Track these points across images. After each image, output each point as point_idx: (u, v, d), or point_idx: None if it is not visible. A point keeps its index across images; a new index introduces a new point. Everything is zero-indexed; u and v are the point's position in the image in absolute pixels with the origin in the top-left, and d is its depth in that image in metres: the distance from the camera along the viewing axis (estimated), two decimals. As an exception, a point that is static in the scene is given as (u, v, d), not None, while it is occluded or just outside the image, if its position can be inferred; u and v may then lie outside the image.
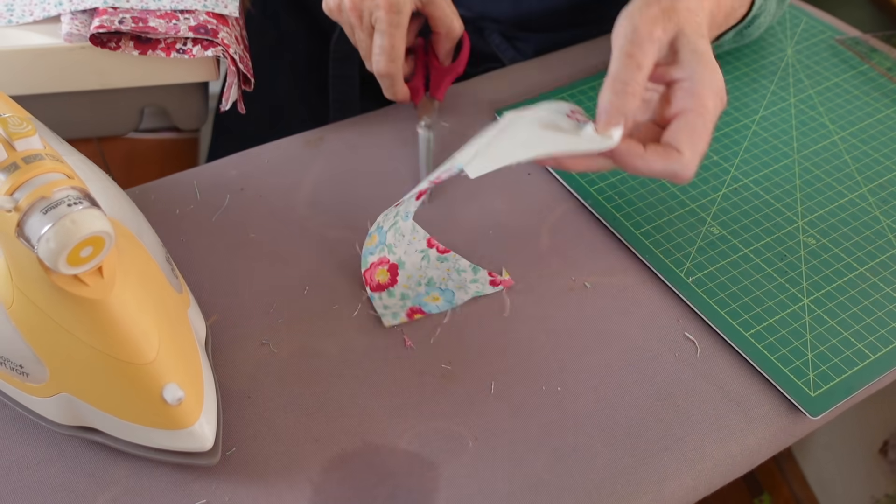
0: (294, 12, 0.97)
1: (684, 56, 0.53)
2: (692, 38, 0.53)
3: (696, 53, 0.53)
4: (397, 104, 0.74)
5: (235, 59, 0.67)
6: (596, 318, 0.58)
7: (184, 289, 0.53)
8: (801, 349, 0.55)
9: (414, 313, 0.57)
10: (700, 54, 0.53)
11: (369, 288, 0.58)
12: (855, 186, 0.67)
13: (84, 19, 0.66)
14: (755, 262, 0.61)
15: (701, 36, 0.54)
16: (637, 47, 0.52)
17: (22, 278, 0.42)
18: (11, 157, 0.40)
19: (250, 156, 0.69)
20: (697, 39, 0.53)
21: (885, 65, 0.79)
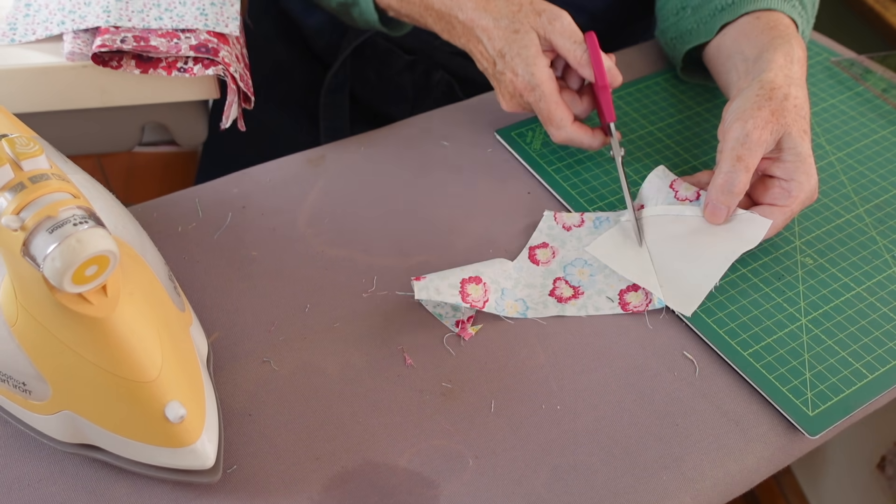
0: (289, 41, 0.98)
1: (787, 157, 0.59)
2: (796, 141, 0.59)
3: (798, 157, 0.59)
4: (394, 126, 0.75)
5: (236, 78, 0.67)
6: (595, 337, 0.58)
7: (186, 307, 0.53)
8: (799, 368, 0.56)
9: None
10: (802, 158, 0.59)
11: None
12: (851, 207, 0.68)
13: (86, 38, 0.66)
14: (753, 281, 0.61)
15: (804, 135, 0.59)
16: (748, 151, 0.58)
17: (26, 296, 0.43)
18: (18, 176, 0.40)
19: (252, 174, 0.70)
20: (801, 142, 0.58)
21: (880, 86, 0.80)
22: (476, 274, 0.59)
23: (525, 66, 0.65)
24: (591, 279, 0.61)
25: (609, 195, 0.68)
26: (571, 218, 0.65)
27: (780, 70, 0.62)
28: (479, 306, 0.58)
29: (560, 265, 0.62)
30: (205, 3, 0.71)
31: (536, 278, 0.62)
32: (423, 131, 0.75)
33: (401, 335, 0.58)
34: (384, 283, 0.61)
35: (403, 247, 0.64)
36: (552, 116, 0.66)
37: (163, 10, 0.69)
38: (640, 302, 0.59)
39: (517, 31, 0.66)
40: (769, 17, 0.68)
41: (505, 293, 0.60)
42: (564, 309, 0.60)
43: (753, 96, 0.60)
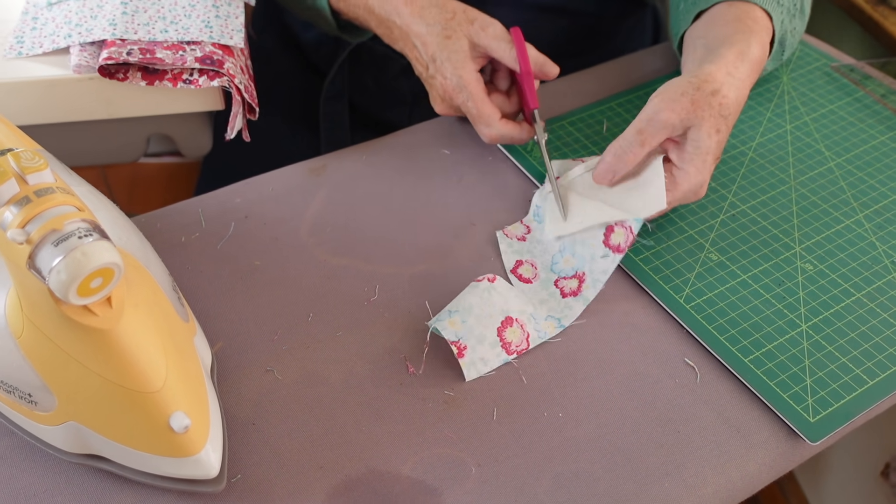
0: (288, 51, 0.99)
1: (687, 147, 0.61)
2: (703, 135, 0.60)
3: (696, 150, 0.60)
4: (395, 134, 0.76)
5: (241, 89, 0.68)
6: (597, 344, 0.59)
7: (190, 317, 0.53)
8: (800, 375, 0.56)
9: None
10: (699, 153, 0.60)
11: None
12: (851, 212, 0.68)
13: (93, 51, 0.67)
14: (753, 287, 0.62)
15: (715, 133, 0.60)
16: (650, 128, 0.60)
17: (32, 309, 0.43)
18: (24, 190, 0.41)
19: (254, 184, 0.70)
20: (706, 138, 0.60)
21: (879, 91, 0.81)
22: (506, 315, 0.58)
23: (453, 69, 0.68)
24: (578, 256, 0.62)
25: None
26: (517, 229, 0.66)
27: (724, 66, 0.62)
28: (526, 347, 0.58)
29: (547, 271, 0.63)
30: (210, 16, 0.71)
31: (541, 292, 0.62)
32: (425, 139, 0.75)
33: (403, 343, 0.58)
34: (386, 292, 0.61)
35: (405, 255, 0.64)
36: (480, 114, 0.68)
37: (168, 22, 0.70)
38: (624, 236, 0.60)
39: (449, 37, 0.68)
40: (741, 7, 0.68)
41: (536, 317, 0.60)
42: (587, 297, 0.61)
43: (685, 82, 0.61)
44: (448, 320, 0.56)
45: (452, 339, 0.56)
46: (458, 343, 0.56)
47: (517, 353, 0.57)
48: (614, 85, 0.82)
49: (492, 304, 0.58)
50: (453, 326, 0.56)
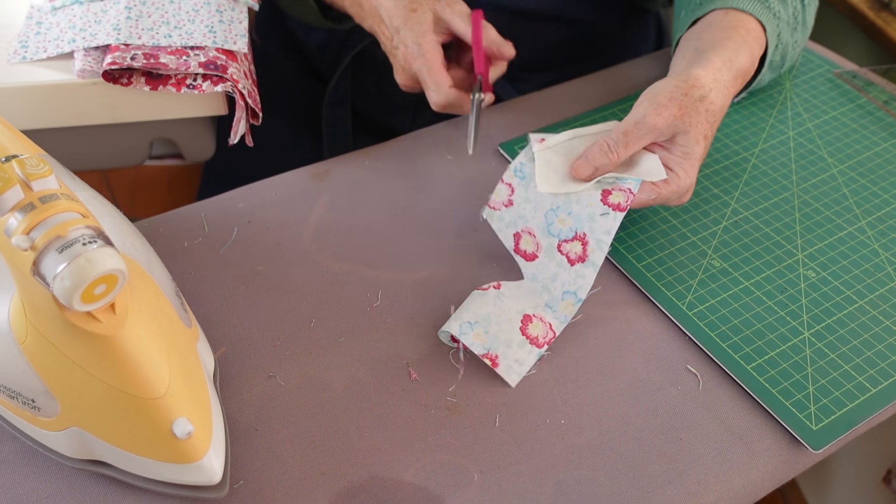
0: (291, 56, 0.99)
1: (675, 151, 0.61)
2: (691, 141, 0.61)
3: (685, 155, 0.61)
4: (398, 140, 0.76)
5: (244, 94, 0.68)
6: (599, 350, 0.59)
7: (193, 322, 0.53)
8: (803, 382, 0.56)
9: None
10: (688, 157, 0.61)
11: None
12: (853, 219, 0.68)
13: (97, 56, 0.67)
14: (756, 294, 0.62)
15: (702, 139, 0.61)
16: (637, 131, 0.60)
17: (36, 315, 0.43)
18: (28, 197, 0.41)
19: (257, 189, 0.70)
20: (694, 144, 0.61)
21: (882, 98, 0.81)
22: (523, 314, 0.59)
23: (414, 38, 0.70)
24: (575, 216, 0.60)
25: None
26: (500, 194, 0.64)
27: (711, 71, 0.63)
28: (553, 336, 0.59)
29: (545, 234, 0.61)
30: (213, 21, 0.72)
31: (551, 267, 0.61)
32: (427, 145, 0.76)
33: (405, 349, 0.58)
34: (389, 297, 0.61)
35: (408, 260, 0.64)
36: (432, 79, 0.70)
37: (172, 27, 0.70)
38: (624, 197, 0.59)
39: (415, 10, 0.70)
40: (735, 16, 0.69)
41: (551, 305, 0.60)
42: (595, 263, 0.59)
43: (673, 86, 0.61)
44: (472, 333, 0.56)
45: (482, 353, 0.56)
46: (488, 355, 0.56)
47: (547, 343, 0.58)
48: (616, 91, 0.82)
49: (506, 309, 0.58)
50: (479, 339, 0.56)
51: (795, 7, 0.73)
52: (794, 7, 0.73)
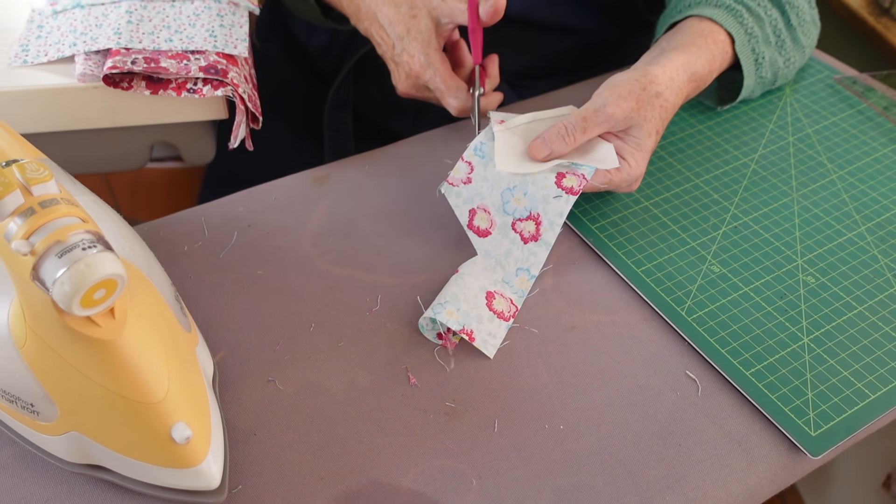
0: (292, 59, 0.99)
1: (629, 141, 0.65)
2: (643, 133, 0.64)
3: (637, 146, 0.65)
4: (398, 144, 0.76)
5: (245, 99, 0.68)
6: (599, 356, 0.59)
7: (192, 327, 0.53)
8: (802, 388, 0.56)
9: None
10: (639, 148, 0.64)
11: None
12: (853, 225, 0.68)
13: (97, 60, 0.67)
14: (755, 300, 0.62)
15: (654, 133, 0.65)
16: (595, 118, 0.63)
17: (35, 319, 0.43)
18: (28, 202, 0.41)
19: (257, 193, 0.70)
20: (646, 137, 0.64)
21: (881, 104, 0.81)
22: (485, 291, 0.61)
23: (421, 47, 0.71)
24: (531, 196, 0.63)
25: (612, 213, 0.68)
26: (460, 171, 0.65)
27: (669, 70, 0.66)
28: (517, 310, 0.61)
29: (500, 213, 0.64)
30: (214, 25, 0.72)
31: (504, 244, 0.64)
32: (426, 149, 0.76)
33: (405, 354, 0.58)
34: (388, 302, 0.62)
35: (407, 265, 0.64)
36: (448, 87, 0.71)
37: (173, 31, 0.70)
38: (577, 181, 0.62)
39: (415, 16, 0.71)
40: (706, 25, 0.72)
41: (508, 280, 0.63)
42: (547, 242, 0.62)
43: (633, 80, 0.64)
44: (445, 311, 0.58)
45: (459, 328, 0.57)
46: (464, 330, 0.57)
47: (512, 317, 0.61)
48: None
49: (469, 286, 0.61)
50: (453, 316, 0.58)
51: (775, 26, 0.76)
52: (774, 26, 0.76)
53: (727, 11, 0.73)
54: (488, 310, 0.60)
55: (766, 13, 0.75)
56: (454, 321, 0.57)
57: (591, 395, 0.56)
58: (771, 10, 0.76)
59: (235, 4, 0.76)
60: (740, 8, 0.73)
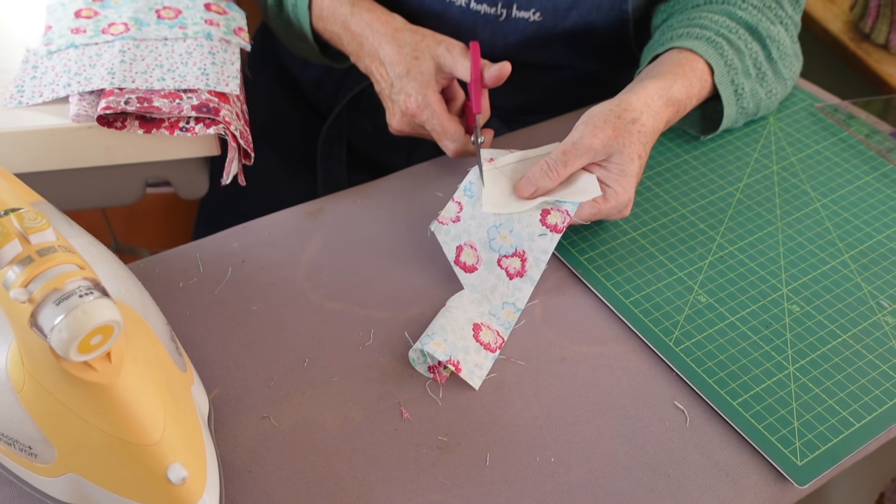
0: (285, 91, 1.01)
1: (612, 168, 0.66)
2: (625, 159, 0.65)
3: (621, 173, 0.65)
4: (390, 177, 0.77)
5: (236, 136, 0.69)
6: (588, 387, 0.60)
7: (188, 366, 0.54)
8: (788, 417, 0.57)
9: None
10: (624, 174, 0.65)
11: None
12: (837, 253, 0.70)
13: (91, 100, 0.69)
14: (741, 329, 0.63)
15: (636, 158, 0.65)
16: (574, 151, 0.65)
17: (33, 364, 0.44)
18: (26, 250, 0.42)
19: (251, 227, 0.71)
20: (629, 162, 0.65)
21: (863, 132, 0.82)
22: (472, 322, 0.62)
23: (419, 88, 0.72)
24: (516, 234, 0.65)
25: (600, 244, 0.70)
26: (450, 211, 0.67)
27: (643, 97, 0.68)
28: (503, 341, 0.62)
29: (487, 249, 0.65)
30: (206, 63, 0.73)
31: (490, 279, 0.65)
32: (419, 182, 0.77)
33: (397, 388, 0.59)
34: (381, 336, 0.62)
35: (399, 299, 0.65)
36: (445, 130, 0.72)
37: (165, 70, 0.71)
38: (561, 218, 0.64)
39: (417, 57, 0.73)
40: (685, 56, 0.74)
41: (495, 313, 0.64)
42: (532, 278, 0.64)
43: (608, 110, 0.66)
44: (433, 342, 0.59)
45: (446, 359, 0.58)
46: (451, 360, 0.58)
47: (499, 348, 0.62)
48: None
49: (456, 318, 0.62)
50: (440, 347, 0.59)
51: (756, 59, 0.78)
52: (754, 59, 0.78)
53: (707, 43, 0.75)
54: (475, 341, 0.61)
55: (747, 46, 0.77)
56: (441, 352, 0.58)
57: (582, 427, 0.57)
58: (751, 44, 0.77)
59: (227, 42, 0.77)
60: (720, 40, 0.75)
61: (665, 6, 0.86)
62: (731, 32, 0.77)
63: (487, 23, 0.84)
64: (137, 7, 0.78)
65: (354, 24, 0.77)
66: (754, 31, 0.79)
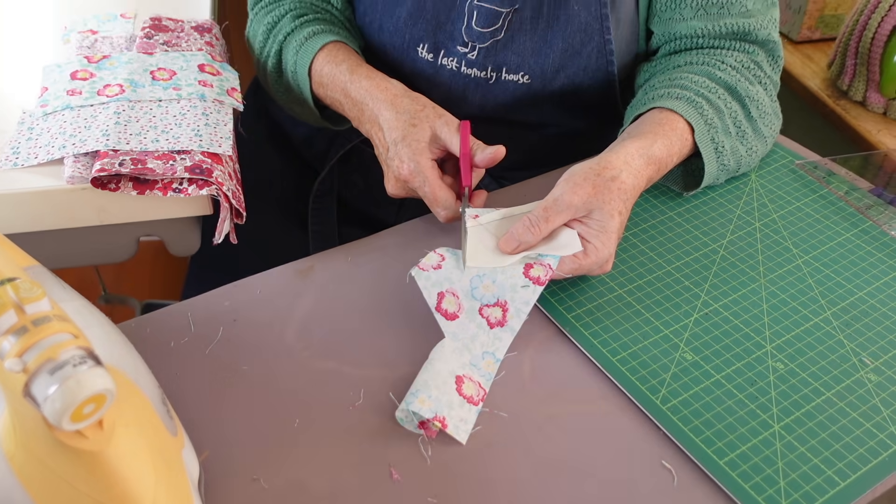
0: (279, 148, 1.03)
1: (592, 225, 0.68)
2: (605, 216, 0.67)
3: (601, 229, 0.67)
4: (380, 234, 0.78)
5: (229, 196, 0.70)
6: (577, 447, 0.60)
7: (178, 430, 0.54)
8: (774, 477, 0.57)
9: None
10: (604, 230, 0.67)
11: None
12: (819, 310, 0.71)
13: (86, 162, 0.70)
14: (727, 387, 0.64)
15: (616, 214, 0.67)
16: (555, 208, 0.67)
17: (25, 433, 0.44)
18: (21, 320, 0.42)
19: (242, 286, 0.72)
20: (609, 218, 0.67)
21: (842, 188, 0.84)
22: (454, 375, 0.63)
23: (412, 154, 0.74)
24: (499, 284, 0.66)
25: (587, 301, 0.71)
26: (431, 259, 0.69)
27: (623, 156, 0.70)
28: (485, 393, 0.64)
29: (469, 297, 0.67)
30: (199, 124, 0.74)
31: (471, 328, 0.66)
32: (408, 240, 0.78)
33: (387, 449, 0.59)
34: (371, 396, 0.63)
35: (389, 358, 0.66)
36: (437, 198, 0.74)
37: (159, 131, 0.73)
38: (544, 271, 0.65)
39: (415, 125, 0.74)
40: (666, 115, 0.77)
41: (475, 364, 0.65)
42: (513, 328, 0.66)
43: (588, 168, 0.68)
44: (417, 400, 0.59)
45: (432, 416, 0.59)
46: (437, 417, 0.59)
47: (481, 400, 0.63)
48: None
49: (439, 372, 0.63)
50: (425, 404, 0.60)
51: (736, 119, 0.81)
52: (734, 118, 0.81)
53: (687, 103, 0.78)
54: (458, 395, 0.62)
55: (727, 105, 0.79)
56: (427, 409, 0.59)
57: (571, 488, 0.57)
58: (731, 103, 0.80)
59: (220, 102, 0.79)
60: (700, 100, 0.78)
61: (648, 66, 0.88)
62: (711, 92, 0.80)
63: (478, 85, 0.86)
64: (132, 69, 0.80)
65: (354, 90, 0.79)
66: (733, 91, 0.81)
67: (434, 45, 0.85)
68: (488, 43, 0.84)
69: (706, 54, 0.84)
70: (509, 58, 0.84)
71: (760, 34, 0.85)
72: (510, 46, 0.84)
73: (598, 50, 0.84)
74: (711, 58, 0.84)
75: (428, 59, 0.86)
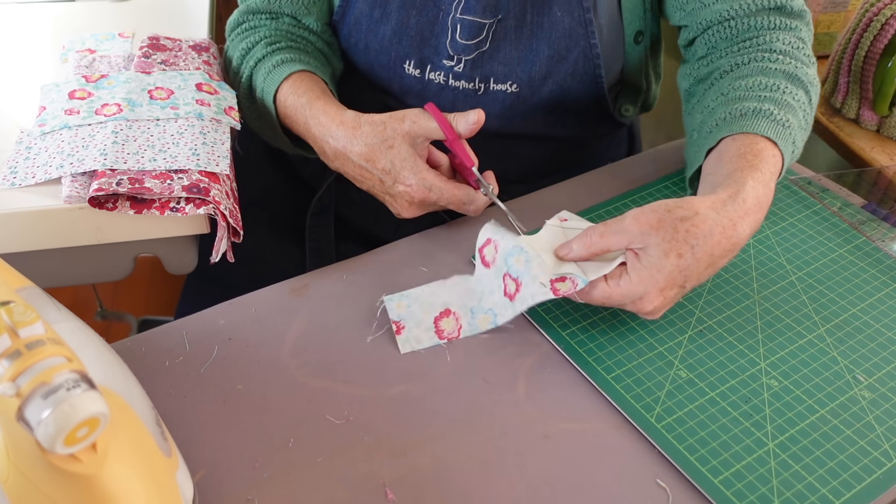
0: (277, 166, 1.03)
1: (642, 260, 0.63)
2: (656, 254, 0.62)
3: (646, 266, 0.63)
4: (375, 252, 0.79)
5: (226, 215, 0.71)
6: (572, 465, 0.60)
7: (172, 451, 0.55)
8: (769, 495, 0.58)
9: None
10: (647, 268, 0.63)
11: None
12: (813, 327, 0.71)
13: (83, 181, 0.70)
14: (721, 405, 0.64)
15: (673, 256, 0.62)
16: (612, 225, 0.64)
17: (19, 456, 0.44)
18: (15, 344, 0.43)
19: (238, 304, 0.72)
20: (659, 258, 0.62)
21: (835, 205, 0.85)
22: (446, 307, 0.70)
23: (413, 173, 0.73)
24: (527, 266, 0.67)
25: (582, 319, 0.71)
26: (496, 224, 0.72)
27: (709, 202, 0.64)
28: (456, 336, 0.69)
29: (503, 259, 0.68)
30: (197, 143, 0.75)
31: (493, 282, 0.69)
32: (403, 257, 0.78)
33: (382, 468, 0.59)
34: (366, 414, 0.63)
35: (384, 376, 0.66)
36: (458, 198, 0.74)
37: (157, 151, 0.73)
38: (568, 289, 0.65)
39: (391, 146, 0.73)
40: (744, 139, 0.71)
41: (474, 311, 0.70)
42: (516, 308, 0.67)
43: (663, 203, 0.64)
44: (396, 302, 0.65)
45: (394, 319, 0.68)
46: (398, 322, 0.69)
47: (448, 339, 0.69)
48: (592, 196, 0.86)
49: (436, 295, 0.70)
50: (398, 308, 0.69)
51: (805, 110, 0.76)
52: (804, 110, 0.76)
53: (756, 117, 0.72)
54: (433, 322, 0.69)
55: (794, 98, 0.74)
56: (395, 311, 0.69)
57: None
58: (797, 93, 0.75)
59: (218, 121, 0.79)
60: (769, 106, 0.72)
61: (688, 68, 0.86)
62: (773, 91, 0.75)
63: (467, 98, 0.87)
64: (130, 88, 0.80)
65: (314, 127, 0.78)
66: (795, 78, 0.76)
67: (420, 61, 0.86)
68: (474, 55, 0.84)
69: (749, 48, 0.79)
70: (496, 68, 0.85)
71: (795, 4, 0.80)
72: (496, 56, 0.84)
73: (584, 55, 0.84)
74: (756, 51, 0.78)
75: (415, 74, 0.86)
